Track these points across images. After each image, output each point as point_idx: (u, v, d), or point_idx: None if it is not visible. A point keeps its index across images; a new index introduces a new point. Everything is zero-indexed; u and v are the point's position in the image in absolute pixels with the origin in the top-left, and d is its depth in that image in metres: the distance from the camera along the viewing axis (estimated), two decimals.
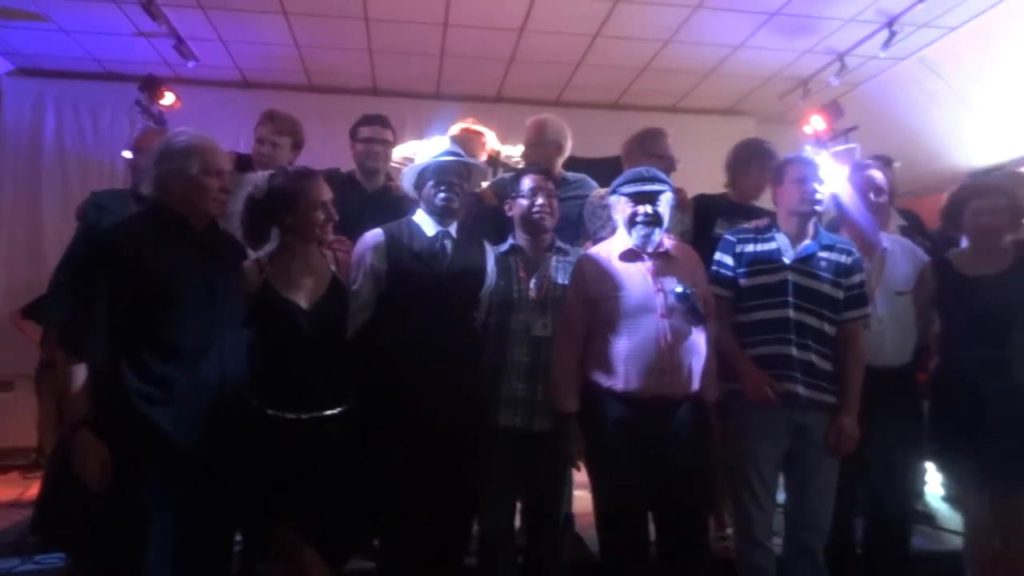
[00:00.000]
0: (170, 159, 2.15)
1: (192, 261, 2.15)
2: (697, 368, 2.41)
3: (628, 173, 2.58)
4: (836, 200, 2.86)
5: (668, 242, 2.55)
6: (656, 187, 2.48)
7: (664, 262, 2.50)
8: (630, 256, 2.50)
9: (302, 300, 2.28)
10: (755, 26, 4.98)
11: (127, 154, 4.58)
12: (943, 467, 2.79)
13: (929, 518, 3.60)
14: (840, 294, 2.55)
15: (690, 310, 2.38)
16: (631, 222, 2.47)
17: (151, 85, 5.13)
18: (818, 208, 2.58)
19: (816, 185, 2.54)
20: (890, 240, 2.85)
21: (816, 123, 5.63)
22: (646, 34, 5.14)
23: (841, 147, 5.45)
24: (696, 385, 2.42)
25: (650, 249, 2.48)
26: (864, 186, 2.77)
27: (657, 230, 2.48)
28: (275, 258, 2.34)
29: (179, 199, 2.16)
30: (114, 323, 2.01)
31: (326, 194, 2.32)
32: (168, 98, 5.23)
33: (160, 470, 2.00)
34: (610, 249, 2.55)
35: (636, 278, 2.46)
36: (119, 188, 3.63)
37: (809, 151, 2.65)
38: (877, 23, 4.87)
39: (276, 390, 2.23)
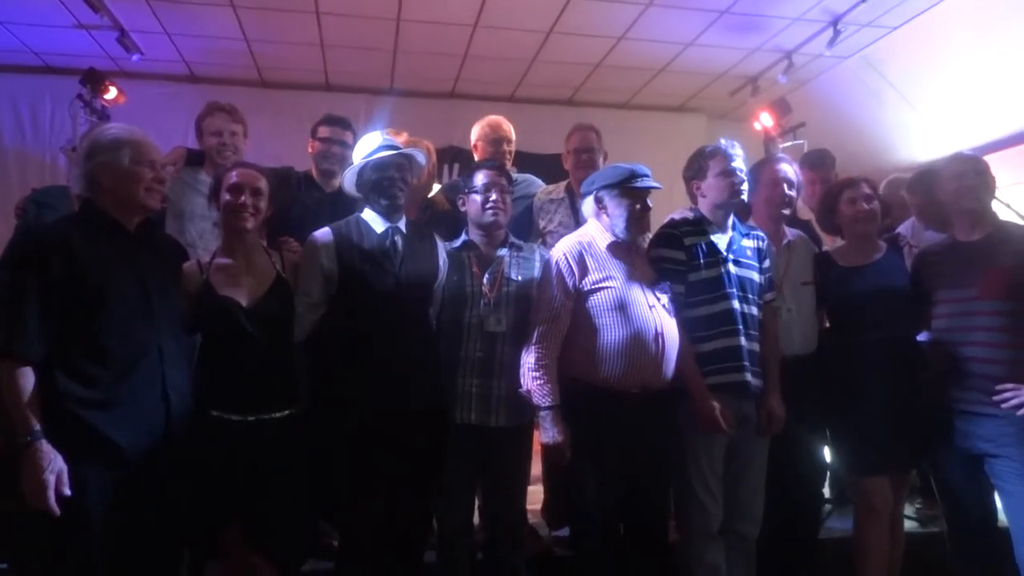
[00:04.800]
0: (99, 153, 2.09)
1: (125, 262, 2.08)
2: (675, 360, 2.47)
3: (622, 169, 2.52)
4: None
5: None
6: (655, 185, 2.51)
7: (640, 256, 2.57)
8: (616, 248, 2.52)
9: (242, 298, 2.24)
10: (705, 24, 5.06)
11: (68, 149, 4.46)
12: (833, 451, 2.89)
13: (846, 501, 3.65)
14: (762, 279, 2.64)
15: (672, 301, 2.46)
16: (635, 218, 2.48)
17: (93, 79, 4.99)
18: (744, 199, 2.61)
19: (740, 175, 2.57)
20: (792, 232, 2.92)
21: (765, 120, 5.76)
22: (599, 31, 5.18)
23: (789, 143, 5.58)
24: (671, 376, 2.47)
25: (633, 241, 2.53)
26: (777, 179, 2.80)
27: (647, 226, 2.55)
28: (217, 258, 2.31)
29: (111, 194, 2.10)
30: (46, 327, 1.94)
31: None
32: (111, 92, 5.09)
33: (101, 474, 1.95)
34: (591, 240, 2.55)
35: (624, 270, 2.49)
36: (61, 184, 3.53)
37: (724, 142, 2.62)
38: (822, 22, 4.99)
39: (221, 391, 2.20)
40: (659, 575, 2.49)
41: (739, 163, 2.60)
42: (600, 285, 2.45)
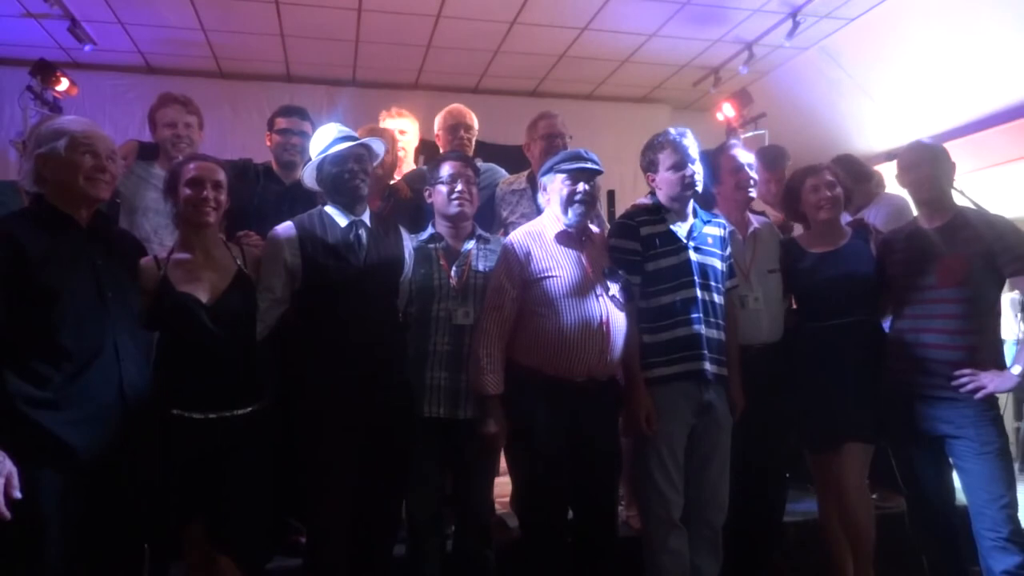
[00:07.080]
0: (41, 144, 2.05)
1: (77, 258, 2.03)
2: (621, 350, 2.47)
3: (565, 153, 2.58)
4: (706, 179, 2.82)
5: (594, 227, 2.60)
6: (596, 167, 2.51)
7: (592, 244, 2.55)
8: (565, 237, 2.52)
9: (202, 295, 2.20)
10: (667, 15, 5.08)
11: (18, 143, 4.32)
12: (793, 430, 2.94)
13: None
14: (724, 266, 2.65)
15: (621, 292, 2.45)
16: (569, 200, 2.48)
17: (44, 70, 4.84)
18: (698, 190, 2.60)
19: (692, 167, 2.56)
20: (757, 220, 2.94)
21: (727, 110, 5.82)
22: (562, 22, 5.17)
23: (751, 133, 5.64)
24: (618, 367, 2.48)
25: (581, 230, 2.52)
26: (738, 164, 2.82)
27: (591, 211, 2.53)
28: (175, 253, 2.27)
29: (55, 186, 2.05)
30: None
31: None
32: (63, 84, 4.94)
33: (54, 476, 1.90)
34: (541, 230, 2.55)
35: (572, 259, 2.49)
36: (9, 180, 3.42)
37: (674, 132, 2.60)
38: (782, 13, 5.05)
39: (182, 389, 2.16)
40: (609, 562, 2.50)
41: (692, 152, 2.57)
42: (546, 275, 2.45)
